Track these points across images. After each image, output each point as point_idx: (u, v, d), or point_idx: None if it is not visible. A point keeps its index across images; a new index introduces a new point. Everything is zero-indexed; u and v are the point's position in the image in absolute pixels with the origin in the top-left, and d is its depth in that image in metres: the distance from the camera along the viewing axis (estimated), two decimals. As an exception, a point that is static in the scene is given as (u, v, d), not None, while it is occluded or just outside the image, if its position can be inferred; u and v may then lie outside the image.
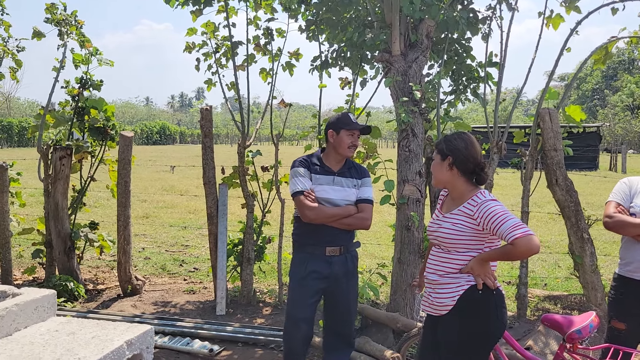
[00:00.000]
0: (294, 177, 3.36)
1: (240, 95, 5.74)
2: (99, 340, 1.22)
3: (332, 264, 3.37)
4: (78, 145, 5.93)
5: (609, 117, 44.58)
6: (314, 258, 3.37)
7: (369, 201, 3.48)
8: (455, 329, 2.65)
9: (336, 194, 3.36)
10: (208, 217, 5.57)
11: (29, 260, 6.89)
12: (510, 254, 2.55)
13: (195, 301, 5.74)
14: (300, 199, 3.29)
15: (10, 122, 41.78)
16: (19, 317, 1.28)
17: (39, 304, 1.37)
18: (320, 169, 3.40)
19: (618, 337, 3.08)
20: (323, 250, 3.35)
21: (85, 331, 1.26)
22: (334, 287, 3.42)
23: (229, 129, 64.63)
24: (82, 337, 1.22)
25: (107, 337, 1.24)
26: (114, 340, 1.23)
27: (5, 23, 6.12)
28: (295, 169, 3.38)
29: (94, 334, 1.24)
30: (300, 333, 3.43)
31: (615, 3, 4.67)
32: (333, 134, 3.39)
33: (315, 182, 3.36)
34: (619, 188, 3.15)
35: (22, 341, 1.24)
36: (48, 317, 1.37)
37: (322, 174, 3.39)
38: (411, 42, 4.68)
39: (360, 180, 3.50)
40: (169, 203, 12.70)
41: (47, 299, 1.37)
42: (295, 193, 3.31)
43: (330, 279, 3.38)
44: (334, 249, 3.37)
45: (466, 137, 2.74)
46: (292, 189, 3.35)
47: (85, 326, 1.30)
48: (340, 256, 3.40)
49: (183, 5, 5.44)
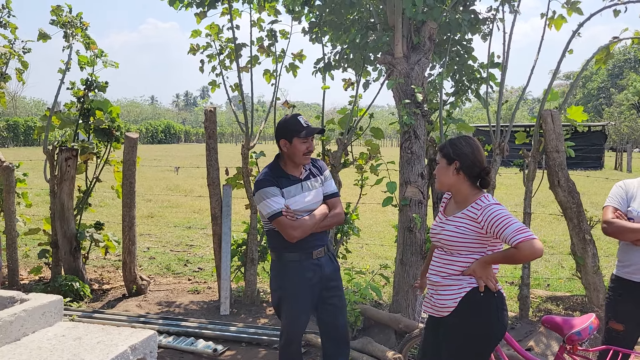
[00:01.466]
0: (265, 198, 3.13)
1: (244, 96, 5.78)
2: (104, 345, 1.26)
3: (321, 266, 3.29)
4: (84, 146, 5.99)
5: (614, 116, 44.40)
6: (303, 265, 3.24)
7: (336, 194, 3.42)
8: (456, 331, 2.68)
9: (309, 199, 3.24)
10: (212, 217, 5.61)
11: (35, 260, 6.95)
12: (514, 257, 2.58)
13: (200, 301, 5.79)
14: (280, 221, 3.10)
15: (16, 121, 42.03)
16: (27, 323, 1.32)
17: (46, 309, 1.41)
18: (286, 180, 3.22)
19: (616, 338, 3.09)
20: (310, 254, 3.25)
21: (91, 336, 1.30)
22: (328, 288, 3.34)
23: (233, 127, 64.74)
24: (87, 342, 1.26)
25: (111, 342, 1.28)
26: (119, 345, 1.27)
27: (11, 25, 6.17)
28: (263, 190, 3.15)
29: (99, 339, 1.28)
30: (296, 347, 3.35)
31: (617, 5, 4.67)
32: (286, 143, 3.19)
33: (287, 195, 3.18)
34: (615, 192, 3.13)
35: (30, 346, 1.27)
36: (55, 322, 1.41)
37: (290, 185, 3.21)
38: (414, 44, 4.70)
39: (322, 175, 3.38)
40: (173, 203, 12.76)
41: (54, 305, 1.41)
42: (273, 215, 3.11)
43: (323, 280, 3.30)
44: (319, 251, 3.28)
45: (472, 141, 2.76)
46: (267, 211, 3.12)
47: (91, 331, 1.34)
48: (325, 256, 3.33)
49: (187, 8, 5.48)
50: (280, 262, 3.32)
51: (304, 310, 3.31)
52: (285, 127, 3.22)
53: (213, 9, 5.51)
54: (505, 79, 4.95)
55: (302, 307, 3.29)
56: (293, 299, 3.27)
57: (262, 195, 3.14)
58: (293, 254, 3.24)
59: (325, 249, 3.33)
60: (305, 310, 3.31)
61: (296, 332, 3.35)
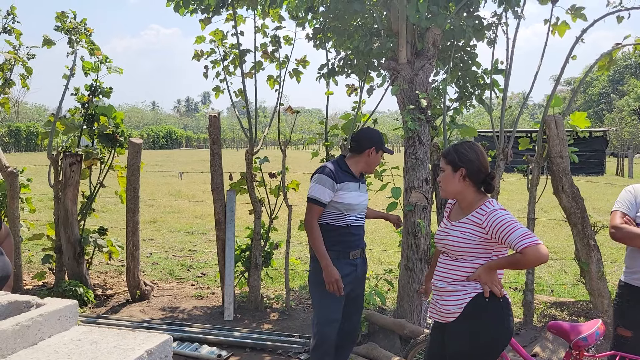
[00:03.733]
0: (318, 182, 3.42)
1: (248, 102, 5.80)
2: (121, 350, 1.26)
3: (357, 266, 3.55)
4: (87, 151, 6.00)
5: (615, 122, 44.38)
6: (340, 263, 3.46)
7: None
8: (462, 336, 2.67)
9: (362, 199, 3.55)
10: (216, 222, 5.62)
11: (38, 266, 6.96)
12: (519, 262, 2.57)
13: (203, 306, 5.79)
14: (311, 206, 3.42)
15: (18, 127, 42.08)
16: (44, 327, 1.32)
17: (62, 313, 1.41)
18: (350, 176, 3.51)
19: (624, 344, 3.08)
20: (347, 254, 3.49)
21: (107, 340, 1.31)
22: (355, 288, 3.59)
23: (234, 133, 64.81)
24: (104, 347, 1.26)
25: (128, 346, 1.28)
26: (135, 350, 1.27)
27: (16, 31, 6.20)
28: (322, 177, 3.43)
29: (115, 344, 1.29)
30: (334, 332, 3.51)
31: (620, 11, 4.69)
32: (373, 151, 3.51)
33: (345, 189, 3.45)
34: (624, 197, 3.10)
35: (47, 350, 1.28)
36: (70, 326, 1.41)
37: (351, 181, 3.49)
38: (417, 50, 4.72)
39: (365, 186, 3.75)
40: (176, 208, 12.76)
41: (70, 309, 1.42)
42: (311, 199, 3.42)
43: (354, 281, 3.55)
44: (356, 252, 3.54)
45: (476, 147, 2.76)
46: (311, 193, 3.43)
47: (106, 335, 1.35)
48: (361, 257, 3.60)
49: (192, 14, 5.51)
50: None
51: (340, 303, 3.48)
52: (378, 138, 3.56)
53: (217, 15, 5.53)
54: (509, 84, 4.96)
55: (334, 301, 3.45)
56: (325, 289, 3.42)
57: (318, 179, 3.43)
58: (333, 252, 3.44)
59: (361, 251, 3.60)
60: (340, 304, 3.49)
61: (327, 332, 3.47)
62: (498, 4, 4.89)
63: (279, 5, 5.51)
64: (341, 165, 3.53)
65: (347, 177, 3.48)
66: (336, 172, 3.45)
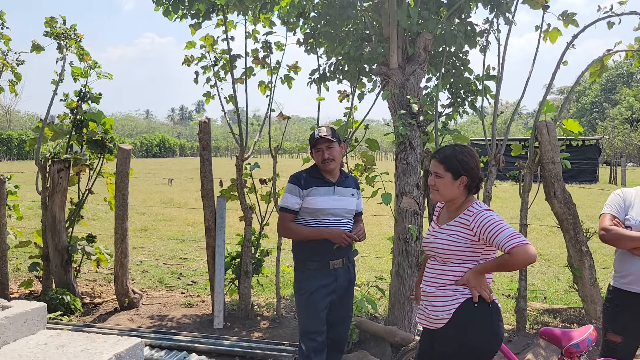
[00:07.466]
0: (286, 191, 3.50)
1: (239, 108, 5.75)
2: (88, 354, 1.21)
3: (337, 276, 3.49)
4: (76, 158, 5.94)
5: (608, 130, 44.67)
6: (318, 274, 3.46)
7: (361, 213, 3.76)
8: (451, 342, 2.63)
9: (336, 203, 3.47)
10: (206, 229, 5.55)
11: (25, 274, 6.85)
12: (507, 264, 2.54)
13: (193, 314, 5.71)
14: (282, 215, 3.50)
15: (9, 135, 41.87)
16: (8, 330, 1.27)
17: (29, 316, 1.36)
18: (320, 181, 3.49)
19: (614, 350, 3.06)
20: (327, 264, 3.45)
21: (75, 344, 1.25)
22: (340, 297, 3.54)
23: (228, 141, 64.66)
24: (71, 351, 1.21)
25: (96, 350, 1.23)
26: (103, 354, 1.22)
27: (5, 37, 6.15)
28: (288, 184, 3.51)
29: (83, 347, 1.23)
30: (315, 345, 3.47)
31: (611, 17, 4.69)
32: (311, 153, 3.56)
33: (316, 194, 3.44)
34: (613, 200, 3.11)
35: (11, 355, 1.22)
36: (38, 330, 1.36)
37: (322, 186, 3.47)
38: (409, 55, 4.70)
39: (357, 191, 3.69)
40: (167, 216, 12.67)
41: (37, 312, 1.36)
42: (281, 207, 3.52)
43: (337, 290, 3.50)
44: (336, 262, 3.47)
45: (473, 152, 2.74)
46: (281, 202, 3.53)
47: (74, 339, 1.29)
48: (343, 267, 3.52)
49: (182, 19, 5.47)
50: (298, 267, 3.57)
51: (318, 316, 3.46)
52: (311, 138, 3.57)
53: (208, 20, 5.49)
54: (500, 90, 4.95)
55: (312, 312, 3.45)
56: (304, 300, 3.48)
57: (285, 188, 3.53)
58: (313, 262, 3.47)
59: (345, 260, 3.53)
60: (319, 316, 3.46)
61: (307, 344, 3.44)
62: (489, 10, 4.88)
63: (269, 10, 5.48)
64: (311, 171, 3.54)
65: (317, 182, 3.47)
66: (303, 179, 3.47)
